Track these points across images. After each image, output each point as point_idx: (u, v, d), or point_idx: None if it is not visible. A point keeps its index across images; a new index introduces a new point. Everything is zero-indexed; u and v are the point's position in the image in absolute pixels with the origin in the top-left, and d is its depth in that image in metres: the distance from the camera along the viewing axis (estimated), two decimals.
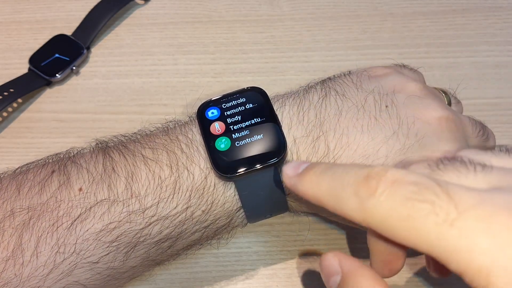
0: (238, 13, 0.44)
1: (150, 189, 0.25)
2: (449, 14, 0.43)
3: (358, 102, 0.27)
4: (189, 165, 0.26)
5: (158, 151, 0.27)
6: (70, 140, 0.37)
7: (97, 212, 0.25)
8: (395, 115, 0.27)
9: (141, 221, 0.25)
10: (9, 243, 0.24)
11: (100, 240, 0.25)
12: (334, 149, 0.26)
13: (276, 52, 0.41)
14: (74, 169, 0.26)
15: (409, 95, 0.28)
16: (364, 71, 0.30)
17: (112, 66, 0.41)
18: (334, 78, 0.30)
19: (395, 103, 0.27)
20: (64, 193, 0.25)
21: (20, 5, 0.44)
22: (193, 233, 0.27)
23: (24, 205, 0.25)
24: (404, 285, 0.31)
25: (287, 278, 0.32)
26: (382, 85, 0.28)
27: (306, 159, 0.26)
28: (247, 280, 0.32)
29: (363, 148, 0.26)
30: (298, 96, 0.28)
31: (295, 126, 0.27)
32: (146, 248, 0.26)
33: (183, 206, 0.26)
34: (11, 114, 0.39)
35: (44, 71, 0.39)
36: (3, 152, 0.37)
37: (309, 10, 0.44)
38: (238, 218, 0.28)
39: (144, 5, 0.44)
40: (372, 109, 0.27)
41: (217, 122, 0.27)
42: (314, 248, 0.33)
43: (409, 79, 0.29)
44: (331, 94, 0.28)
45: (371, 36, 0.42)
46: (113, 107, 0.39)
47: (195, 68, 0.41)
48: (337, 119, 0.27)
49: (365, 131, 0.26)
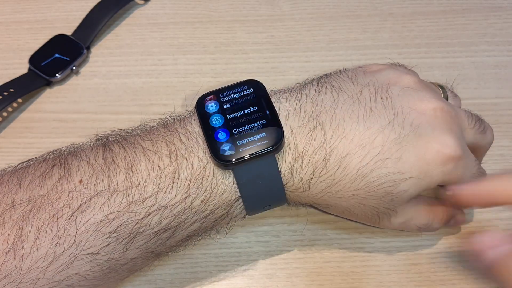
0: (238, 13, 0.44)
1: (149, 179, 0.26)
2: (449, 14, 0.43)
3: (353, 94, 0.28)
4: (188, 155, 0.27)
5: (157, 143, 0.27)
6: (70, 140, 0.37)
7: (97, 202, 0.25)
8: (390, 106, 0.27)
9: (141, 211, 0.25)
10: (10, 235, 0.24)
11: (100, 230, 0.25)
12: (330, 138, 0.27)
13: (276, 52, 0.41)
14: (75, 162, 0.26)
15: (404, 87, 0.29)
16: (359, 68, 0.31)
17: (112, 66, 0.41)
18: (330, 74, 0.30)
19: (390, 95, 0.28)
20: (65, 185, 0.25)
21: (20, 5, 0.44)
22: (192, 224, 0.27)
23: (24, 197, 0.25)
24: (404, 285, 0.31)
25: (287, 278, 0.32)
26: (377, 79, 0.29)
27: (303, 148, 0.27)
28: (247, 280, 0.32)
29: (359, 137, 0.27)
30: (295, 91, 0.29)
31: (292, 117, 0.27)
32: (145, 239, 0.26)
33: (182, 196, 0.26)
34: (11, 114, 0.39)
35: (44, 71, 0.39)
36: (3, 152, 0.37)
37: (309, 10, 0.44)
38: (237, 208, 0.28)
39: (144, 5, 0.44)
40: (368, 101, 0.28)
41: (216, 114, 0.27)
42: (314, 248, 0.33)
43: (403, 73, 0.30)
44: (327, 88, 0.29)
45: (371, 36, 0.42)
46: (113, 107, 0.39)
47: (195, 68, 0.41)
48: (333, 111, 0.27)
49: (361, 122, 0.27)
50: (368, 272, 0.32)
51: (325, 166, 0.27)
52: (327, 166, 0.27)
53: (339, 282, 0.31)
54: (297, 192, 0.28)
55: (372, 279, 0.31)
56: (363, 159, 0.27)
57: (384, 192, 0.27)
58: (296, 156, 0.27)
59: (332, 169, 0.27)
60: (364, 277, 0.31)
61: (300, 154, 0.27)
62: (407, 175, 0.27)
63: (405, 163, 0.27)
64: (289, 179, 0.27)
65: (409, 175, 0.27)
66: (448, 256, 0.32)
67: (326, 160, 0.27)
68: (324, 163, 0.27)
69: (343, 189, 0.27)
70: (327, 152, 0.27)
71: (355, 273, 0.32)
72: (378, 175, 0.27)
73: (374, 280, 0.31)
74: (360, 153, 0.27)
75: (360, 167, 0.27)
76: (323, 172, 0.27)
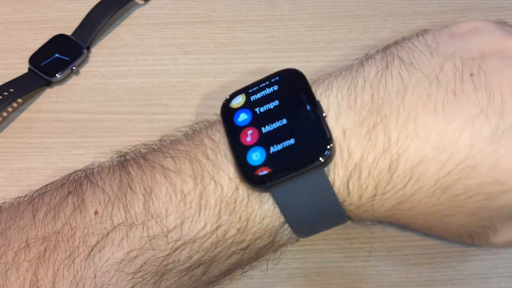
0: (238, 13, 0.44)
1: (171, 207, 0.22)
2: (449, 14, 0.43)
3: (431, 72, 0.21)
4: (216, 174, 0.22)
5: (180, 160, 0.23)
6: (70, 140, 0.37)
7: (115, 238, 0.21)
8: (484, 86, 0.20)
9: (165, 246, 0.22)
10: (25, 280, 0.21)
11: (122, 271, 0.21)
12: (397, 140, 0.20)
13: (276, 52, 0.41)
14: (90, 189, 0.23)
15: (507, 56, 0.21)
16: (444, 28, 0.23)
17: (112, 66, 0.41)
18: (402, 41, 0.24)
19: (484, 70, 0.20)
20: (79, 218, 0.22)
21: (20, 5, 0.44)
22: (229, 256, 0.23)
23: (39, 234, 0.22)
24: (404, 285, 0.31)
25: (287, 278, 0.32)
26: (467, 46, 0.21)
27: (361, 156, 0.21)
28: (247, 280, 0.32)
29: (438, 135, 0.20)
30: (350, 73, 0.23)
31: (345, 114, 0.21)
32: (176, 276, 0.22)
33: (213, 225, 0.22)
34: (11, 114, 0.39)
35: (44, 71, 0.39)
36: (3, 152, 0.37)
37: (309, 10, 0.44)
38: (284, 235, 0.23)
39: (144, 5, 0.44)
40: (451, 81, 0.20)
41: (249, 129, 0.22)
42: (314, 248, 0.33)
43: (509, 36, 0.22)
44: (393, 65, 0.22)
45: (371, 36, 0.42)
46: (113, 107, 0.39)
47: (195, 68, 0.41)
48: (401, 98, 0.21)
49: (440, 112, 0.20)
50: (368, 272, 0.32)
51: (391, 179, 0.21)
52: (393, 179, 0.21)
53: (339, 282, 0.31)
54: (357, 211, 0.23)
55: (372, 279, 0.31)
56: (443, 166, 0.20)
57: (476, 207, 0.21)
58: (352, 168, 0.21)
59: (400, 181, 0.21)
60: (364, 277, 0.31)
61: (357, 164, 0.21)
62: (509, 185, 0.20)
63: (505, 170, 0.20)
64: (345, 197, 0.22)
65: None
66: (449, 256, 0.32)
67: (392, 171, 0.21)
68: (390, 174, 0.21)
69: (417, 205, 0.21)
70: (393, 159, 0.20)
71: (355, 273, 0.32)
72: (465, 187, 0.20)
73: (374, 280, 0.31)
74: (439, 158, 0.20)
75: (439, 177, 0.20)
76: (388, 187, 0.21)
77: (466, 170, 0.20)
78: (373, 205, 0.22)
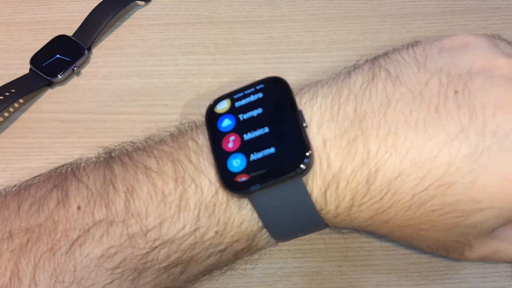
0: (238, 14, 0.44)
1: (152, 206, 0.22)
2: (447, 15, 0.43)
3: (415, 87, 0.21)
4: (197, 177, 0.22)
5: (163, 161, 0.23)
6: (71, 141, 0.38)
7: (96, 234, 0.22)
8: (466, 105, 0.20)
9: (144, 245, 0.22)
10: (7, 269, 0.22)
11: (102, 266, 0.22)
12: (376, 154, 0.20)
13: (276, 53, 0.42)
14: (75, 184, 0.23)
15: (494, 75, 0.20)
16: (435, 42, 0.23)
17: (113, 67, 0.41)
18: (391, 53, 0.23)
19: (469, 88, 0.20)
20: (62, 212, 0.22)
21: (21, 6, 0.44)
22: (207, 257, 0.23)
23: (23, 225, 0.22)
24: (403, 284, 0.31)
25: (287, 278, 0.32)
26: (456, 62, 0.21)
27: (339, 167, 0.21)
28: (247, 279, 0.32)
29: (416, 152, 0.20)
30: (336, 83, 0.23)
31: (327, 124, 0.21)
32: (154, 274, 0.23)
33: (192, 227, 0.22)
34: (12, 114, 0.39)
35: (45, 72, 0.39)
36: (4, 152, 0.37)
37: (308, 11, 0.44)
38: (262, 239, 0.24)
39: (145, 6, 0.45)
40: (435, 97, 0.20)
41: (231, 135, 0.22)
42: (313, 247, 0.33)
43: (499, 53, 0.21)
44: (379, 77, 0.22)
45: (370, 37, 0.42)
46: (114, 107, 0.39)
47: (196, 68, 0.41)
48: (383, 112, 0.21)
49: (420, 128, 0.20)
50: (367, 271, 0.32)
51: (368, 191, 0.21)
52: (371, 191, 0.21)
53: (339, 281, 0.31)
54: (334, 220, 0.23)
55: (372, 278, 0.32)
56: (420, 181, 0.20)
57: (451, 223, 0.21)
58: (330, 178, 0.21)
59: (377, 194, 0.21)
60: (363, 276, 0.32)
61: (335, 175, 0.21)
62: (485, 204, 0.20)
63: (482, 189, 0.20)
64: (322, 205, 0.22)
65: (488, 204, 0.20)
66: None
67: (370, 183, 0.21)
68: (367, 187, 0.21)
69: (394, 218, 0.22)
70: (371, 172, 0.21)
71: (354, 272, 0.32)
72: (442, 203, 0.20)
73: (373, 280, 0.32)
74: (416, 174, 0.20)
75: (416, 192, 0.20)
76: (365, 199, 0.21)
77: (443, 187, 0.20)
78: (350, 215, 0.22)
